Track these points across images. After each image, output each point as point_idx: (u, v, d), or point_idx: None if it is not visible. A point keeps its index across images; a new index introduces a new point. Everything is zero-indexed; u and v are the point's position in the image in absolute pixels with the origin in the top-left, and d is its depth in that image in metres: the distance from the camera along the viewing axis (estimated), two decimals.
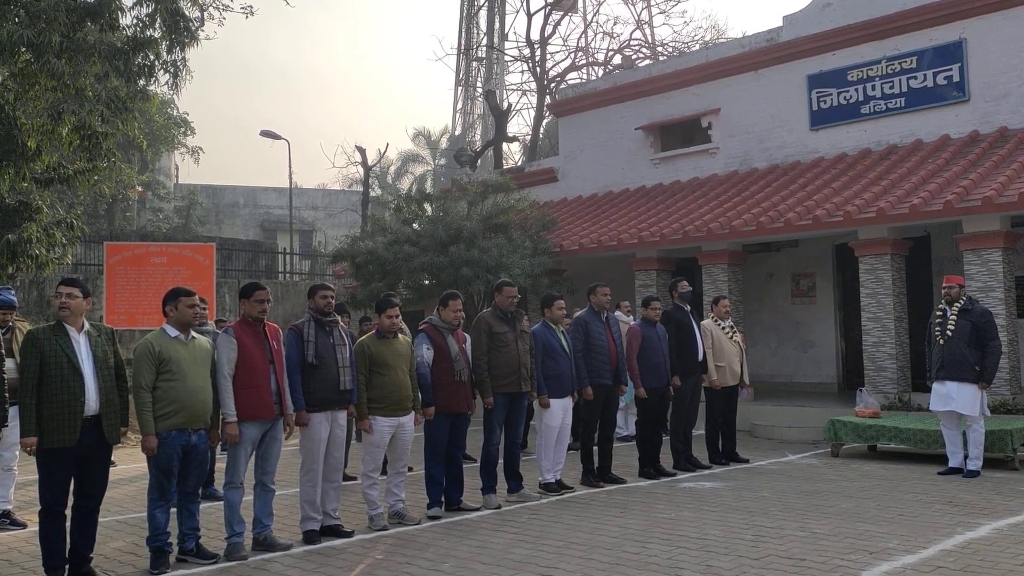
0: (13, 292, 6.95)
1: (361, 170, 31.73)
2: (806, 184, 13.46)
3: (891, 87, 13.72)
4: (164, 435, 5.29)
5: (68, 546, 5.10)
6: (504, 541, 5.95)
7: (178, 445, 5.34)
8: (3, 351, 4.98)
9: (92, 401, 5.01)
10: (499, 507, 7.07)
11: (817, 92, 14.57)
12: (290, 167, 28.26)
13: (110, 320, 15.23)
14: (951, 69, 13.11)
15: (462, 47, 40.62)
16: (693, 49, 29.15)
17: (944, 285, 8.53)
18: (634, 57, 31.35)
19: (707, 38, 31.94)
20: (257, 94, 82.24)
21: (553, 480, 7.75)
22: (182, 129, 33.33)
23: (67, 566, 5.08)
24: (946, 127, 13.20)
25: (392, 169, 44.99)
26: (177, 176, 41.60)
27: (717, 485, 8.05)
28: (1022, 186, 10.28)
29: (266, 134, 26.42)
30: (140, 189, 30.36)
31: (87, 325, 5.16)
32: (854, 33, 14.07)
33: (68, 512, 5.12)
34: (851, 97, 14.16)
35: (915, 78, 13.47)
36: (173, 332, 5.48)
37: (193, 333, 5.59)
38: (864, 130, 14.07)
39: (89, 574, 5.11)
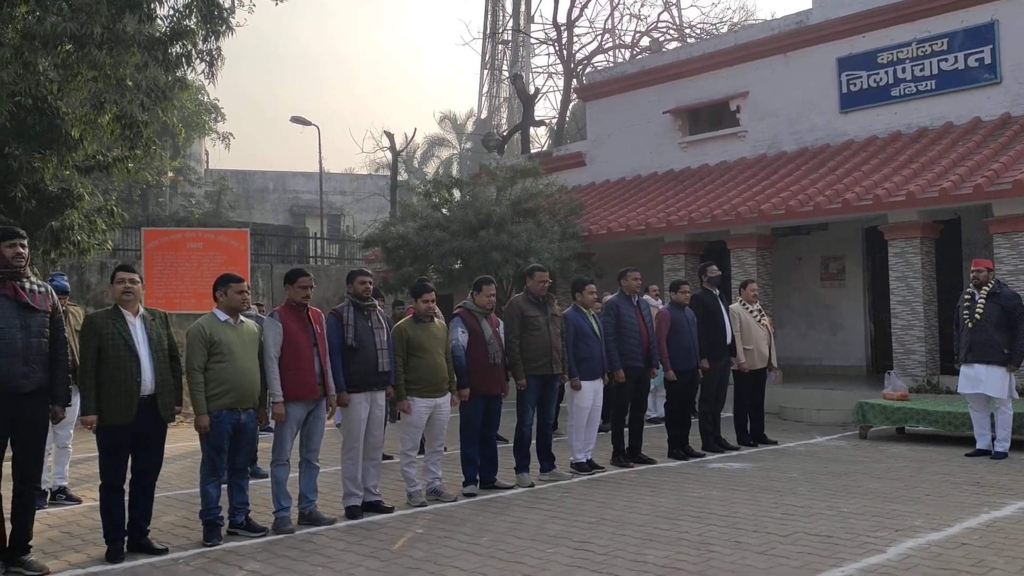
0: (66, 278, 7.24)
1: (388, 155, 31.99)
2: (835, 167, 13.48)
3: (921, 69, 13.66)
4: (215, 414, 5.55)
5: (127, 519, 5.37)
6: (538, 517, 6.16)
7: (228, 424, 5.59)
8: (68, 335, 5.23)
9: (148, 381, 5.26)
10: (532, 485, 7.29)
11: (847, 75, 14.53)
12: (320, 153, 28.62)
13: (148, 304, 15.66)
14: (983, 51, 13.04)
15: (488, 30, 40.61)
16: (721, 31, 28.99)
17: (972, 269, 8.58)
18: (661, 39, 31.24)
19: (735, 19, 31.75)
20: (282, 79, 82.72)
21: (584, 460, 7.95)
22: (212, 115, 33.74)
23: (126, 537, 5.35)
24: (977, 110, 13.14)
25: (418, 153, 45.16)
26: (207, 162, 42.08)
27: (746, 466, 8.20)
28: None
29: (296, 120, 26.72)
30: (173, 175, 30.80)
31: (142, 309, 5.41)
32: (884, 15, 14.01)
33: (126, 487, 5.39)
34: (881, 80, 14.12)
35: (946, 60, 13.41)
36: (223, 316, 5.73)
37: (242, 317, 5.82)
38: (894, 113, 14.03)
39: (146, 545, 5.39)
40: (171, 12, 11.99)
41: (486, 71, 44.73)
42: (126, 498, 5.39)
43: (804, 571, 4.71)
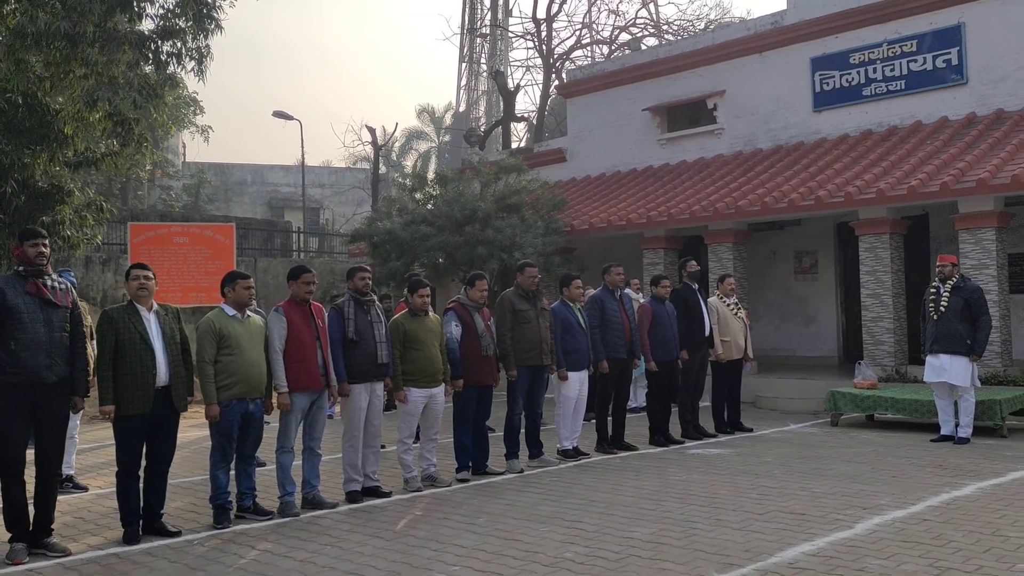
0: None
1: (367, 148, 32.15)
2: (809, 165, 13.93)
3: (892, 70, 14.14)
4: (225, 404, 5.85)
5: (142, 503, 5.67)
6: (530, 499, 6.53)
7: (238, 413, 5.90)
8: (85, 330, 5.50)
9: (163, 373, 5.55)
10: (522, 471, 7.65)
11: (820, 74, 14.99)
12: (302, 148, 28.67)
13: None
14: (950, 52, 13.54)
15: (467, 24, 40.80)
16: (698, 27, 29.44)
17: (937, 264, 9.05)
18: (639, 35, 31.66)
19: (712, 16, 32.22)
20: (260, 71, 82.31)
21: (571, 447, 8.32)
22: (192, 108, 33.71)
23: (141, 521, 5.65)
24: (945, 109, 13.64)
25: (396, 146, 45.25)
26: (184, 154, 41.95)
27: (724, 451, 8.62)
28: (1015, 168, 10.76)
29: (279, 115, 26.83)
30: (157, 169, 30.83)
31: (155, 305, 5.69)
32: (856, 17, 14.48)
33: (141, 473, 5.68)
34: (853, 79, 14.59)
35: (915, 61, 13.90)
36: (231, 311, 6.02)
37: (248, 312, 6.12)
38: (866, 112, 14.51)
39: (161, 528, 5.69)
40: (161, 11, 12.18)
41: (464, 64, 44.91)
42: (141, 484, 5.68)
43: (779, 544, 5.11)
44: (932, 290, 9.01)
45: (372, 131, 28.93)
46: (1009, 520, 5.57)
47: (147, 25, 12.21)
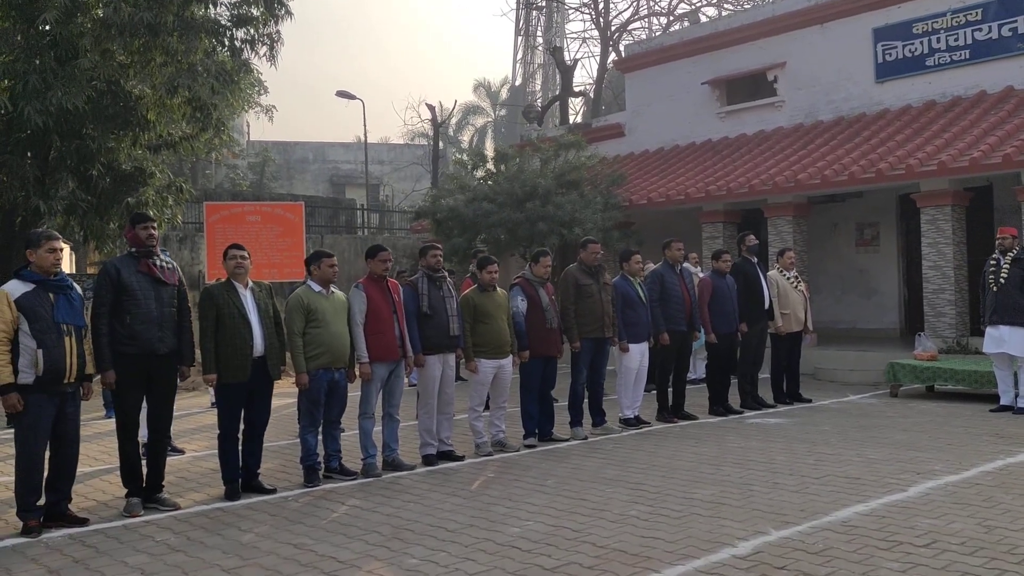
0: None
1: (425, 125, 32.58)
2: (870, 137, 13.90)
3: (956, 39, 13.99)
4: (313, 373, 6.35)
5: (240, 463, 6.21)
6: (595, 464, 6.91)
7: (324, 381, 6.40)
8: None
9: (259, 344, 6.06)
10: (586, 438, 8.04)
11: (883, 45, 14.88)
12: (365, 126, 29.36)
13: (211, 275, 16.56)
14: (1016, 20, 13.33)
15: None
16: (758, 1, 29.04)
17: (998, 236, 9.11)
18: (698, 4, 31.36)
19: None
20: (315, 49, 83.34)
21: (632, 416, 8.67)
22: (257, 89, 34.54)
23: (240, 479, 6.19)
24: (1010, 78, 13.46)
25: (453, 122, 45.63)
26: (249, 134, 42.95)
27: (782, 421, 8.88)
28: None
29: (342, 94, 27.42)
30: (226, 150, 31.78)
31: (251, 282, 6.19)
32: None
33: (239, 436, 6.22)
34: (916, 50, 14.46)
35: (980, 30, 13.72)
36: (317, 287, 6.50)
37: (332, 288, 6.59)
38: (929, 82, 14.38)
39: (258, 486, 6.23)
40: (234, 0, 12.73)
41: (520, 38, 44.92)
42: (239, 446, 6.21)
43: (834, 505, 5.41)
44: (992, 262, 9.08)
45: (431, 108, 29.37)
46: None
47: (222, 13, 12.81)
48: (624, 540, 4.81)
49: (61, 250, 5.36)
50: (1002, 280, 8.88)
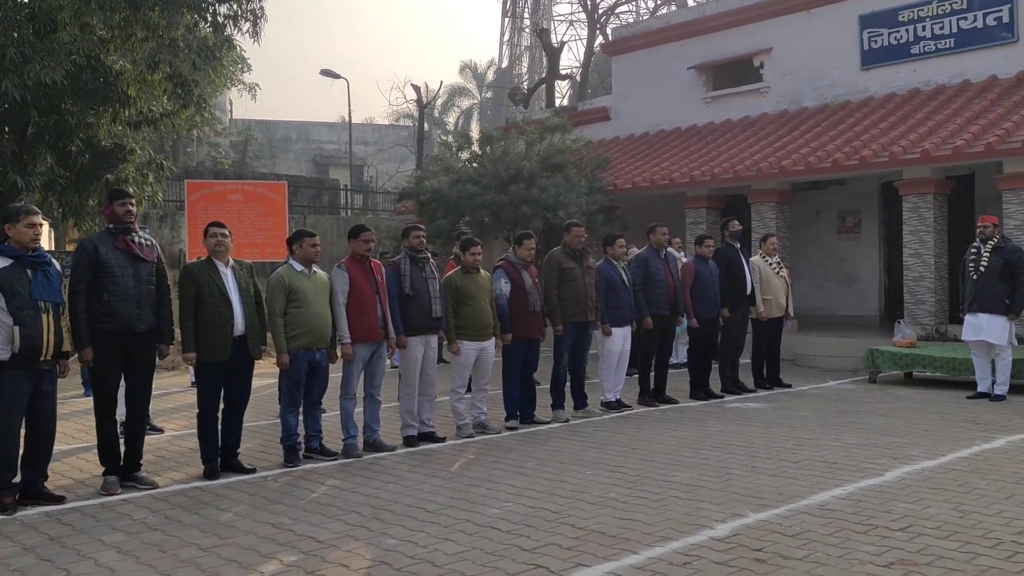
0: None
1: (410, 105, 32.37)
2: (854, 124, 13.94)
3: (941, 28, 14.03)
4: (294, 353, 6.31)
5: (219, 443, 6.18)
6: (575, 446, 6.93)
7: (305, 361, 6.36)
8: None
9: (239, 324, 6.01)
10: (567, 421, 8.06)
11: (868, 32, 14.90)
12: (349, 106, 29.07)
13: (192, 254, 16.42)
14: (1001, 10, 13.39)
15: None
16: None
17: (979, 224, 9.17)
18: None
19: None
20: (299, 28, 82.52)
21: (614, 399, 8.70)
22: (240, 66, 34.17)
23: (219, 458, 6.16)
24: (994, 68, 13.52)
25: (439, 103, 45.41)
26: (231, 111, 42.51)
27: (761, 405, 8.94)
28: None
29: (326, 73, 27.19)
30: (208, 127, 31.47)
31: (232, 260, 6.14)
32: None
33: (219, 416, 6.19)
34: (902, 37, 14.49)
35: (965, 19, 13.76)
36: (299, 267, 6.46)
37: (314, 268, 6.55)
38: (914, 70, 14.43)
39: (237, 465, 6.21)
40: None
41: (507, 19, 44.69)
42: (219, 425, 6.18)
43: (811, 489, 5.45)
44: (973, 250, 9.15)
45: (417, 89, 29.16)
46: None
47: None
48: (603, 522, 4.83)
49: (40, 225, 5.29)
50: (982, 268, 8.94)
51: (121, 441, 5.90)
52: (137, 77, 12.26)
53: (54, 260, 5.44)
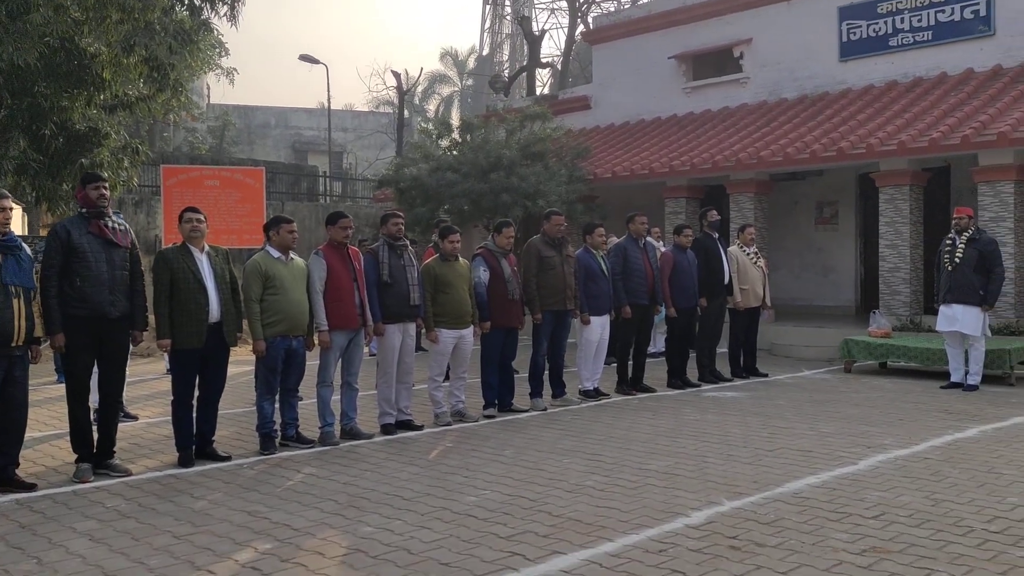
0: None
1: (390, 92, 32.15)
2: (832, 116, 14.01)
3: (919, 20, 14.11)
4: (270, 340, 6.26)
5: (194, 430, 6.12)
6: (553, 435, 6.94)
7: (281, 349, 6.32)
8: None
9: (215, 310, 5.95)
10: (545, 409, 8.07)
11: (847, 24, 14.96)
12: (328, 93, 28.78)
13: (167, 240, 16.24)
14: (978, 3, 13.48)
15: None
16: None
17: (954, 216, 9.26)
18: None
19: None
20: (277, 11, 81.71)
21: (592, 388, 8.72)
22: (218, 50, 33.78)
23: (194, 446, 6.11)
24: (971, 61, 13.64)
25: (419, 90, 45.18)
26: (209, 96, 42.06)
27: (738, 395, 8.99)
28: None
29: (305, 58, 26.94)
30: (184, 111, 31.14)
31: (207, 246, 6.07)
32: None
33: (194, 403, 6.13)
34: (880, 29, 14.57)
35: (943, 11, 13.85)
36: (275, 253, 6.40)
37: (292, 255, 6.49)
38: (891, 62, 14.51)
39: (212, 453, 6.16)
40: None
41: (488, 7, 44.46)
42: (194, 413, 6.13)
43: (786, 477, 5.50)
44: (948, 241, 9.23)
45: (397, 76, 28.98)
46: (1005, 460, 5.92)
47: None
48: (579, 509, 4.84)
49: (11, 209, 5.21)
50: (957, 260, 9.03)
51: (94, 428, 5.83)
52: (112, 60, 12.08)
53: (25, 244, 5.36)
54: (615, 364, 9.20)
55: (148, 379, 10.58)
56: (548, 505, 4.94)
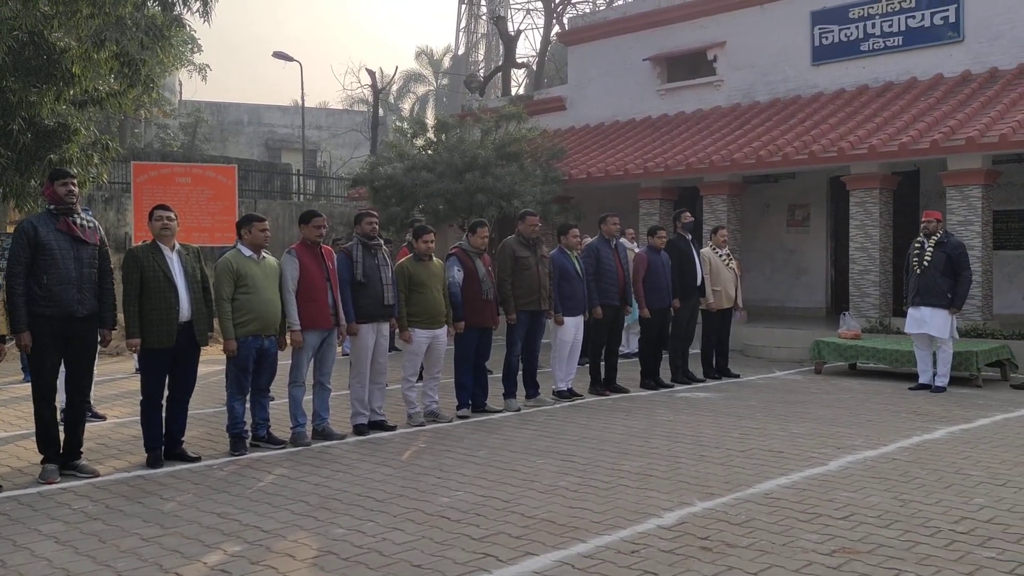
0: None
1: (365, 91, 31.99)
2: (805, 119, 14.15)
3: (890, 25, 14.29)
4: (242, 340, 6.20)
5: (164, 430, 6.05)
6: (527, 435, 6.94)
7: (253, 348, 6.26)
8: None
9: (185, 309, 5.88)
10: (519, 410, 8.06)
11: (820, 28, 15.12)
12: (302, 90, 28.59)
13: (137, 238, 16.02)
14: (947, 9, 13.68)
15: None
16: None
17: (923, 220, 9.38)
18: None
19: None
20: (251, 7, 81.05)
21: (565, 388, 8.73)
22: (190, 47, 33.44)
23: (163, 447, 6.04)
24: (940, 66, 13.83)
25: (394, 89, 45.00)
26: (181, 93, 41.62)
27: (710, 395, 9.04)
28: (1004, 127, 11.02)
29: (279, 55, 26.73)
30: (156, 108, 30.76)
31: (178, 245, 6.00)
32: None
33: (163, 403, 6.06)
34: (852, 34, 14.74)
35: (913, 17, 14.04)
36: (247, 252, 6.34)
37: (264, 253, 6.43)
38: (863, 67, 14.68)
39: (182, 454, 6.09)
40: None
41: (464, 6, 44.38)
42: (163, 413, 6.05)
43: (757, 478, 5.53)
44: (916, 245, 9.35)
45: (372, 74, 28.83)
46: (972, 461, 6.00)
47: None
48: (552, 510, 4.84)
49: None
50: (925, 263, 9.15)
51: (61, 428, 5.74)
52: (82, 55, 11.89)
53: None
54: (588, 364, 9.22)
55: (117, 378, 10.45)
56: (521, 506, 4.93)
